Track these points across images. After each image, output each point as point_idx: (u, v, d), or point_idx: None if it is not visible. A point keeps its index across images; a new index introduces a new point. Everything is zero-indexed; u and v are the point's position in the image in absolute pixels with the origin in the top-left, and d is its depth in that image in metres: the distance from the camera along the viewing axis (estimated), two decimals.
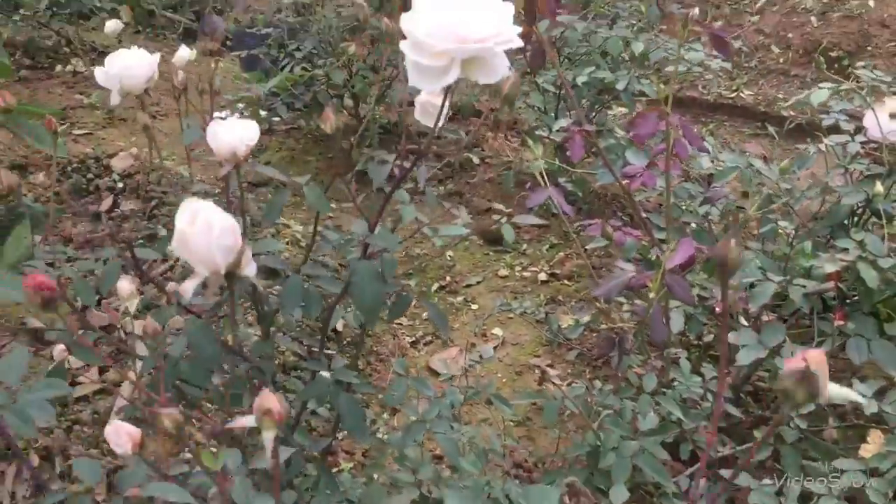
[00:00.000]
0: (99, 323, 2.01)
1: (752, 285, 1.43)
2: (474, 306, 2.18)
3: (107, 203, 2.34)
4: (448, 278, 2.30)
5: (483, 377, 1.88)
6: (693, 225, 1.68)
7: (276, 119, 2.94)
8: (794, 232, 1.59)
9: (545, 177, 1.34)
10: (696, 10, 1.18)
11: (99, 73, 0.87)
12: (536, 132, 2.11)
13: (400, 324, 2.16)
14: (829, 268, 1.26)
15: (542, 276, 2.27)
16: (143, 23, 4.23)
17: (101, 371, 1.83)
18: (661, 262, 1.04)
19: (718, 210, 1.69)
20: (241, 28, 3.56)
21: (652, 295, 1.02)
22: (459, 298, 2.21)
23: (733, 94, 3.79)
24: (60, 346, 0.96)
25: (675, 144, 1.17)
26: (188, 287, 0.67)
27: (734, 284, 1.37)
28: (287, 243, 2.22)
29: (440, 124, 0.90)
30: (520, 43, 0.67)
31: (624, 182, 1.43)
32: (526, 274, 2.29)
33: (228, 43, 4.38)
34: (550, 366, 1.92)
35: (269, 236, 2.17)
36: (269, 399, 0.52)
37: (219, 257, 0.66)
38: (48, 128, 0.97)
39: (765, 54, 3.93)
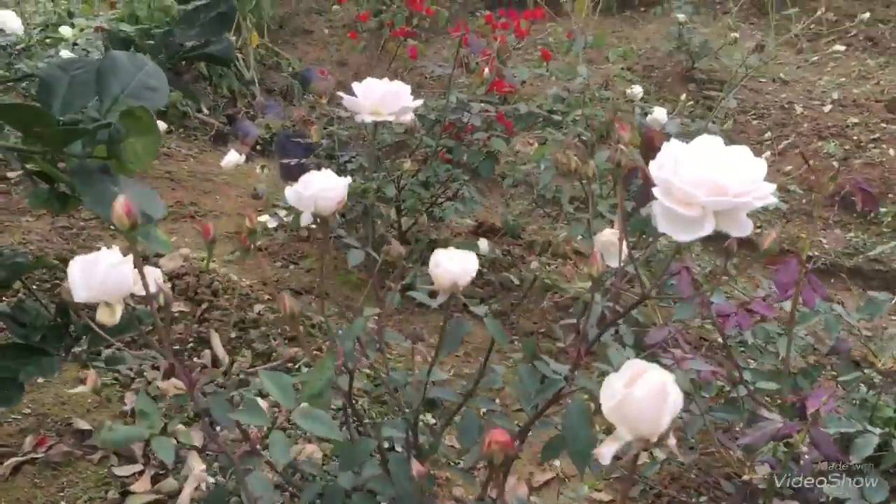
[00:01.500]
0: None
1: (849, 436, 1.41)
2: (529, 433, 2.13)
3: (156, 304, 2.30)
4: (497, 401, 2.26)
5: None
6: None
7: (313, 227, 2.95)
8: (879, 379, 1.58)
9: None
10: None
11: (291, 194, 0.86)
12: None
13: (452, 446, 2.11)
14: None
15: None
16: (175, 123, 4.29)
17: (155, 480, 1.76)
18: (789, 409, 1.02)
19: (796, 352, 1.69)
20: (286, 134, 3.62)
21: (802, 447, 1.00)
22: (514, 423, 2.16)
23: (757, 230, 3.86)
24: None
25: (802, 293, 1.17)
26: (606, 453, 0.61)
27: None
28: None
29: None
30: (775, 200, 0.67)
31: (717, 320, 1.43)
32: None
33: (259, 148, 4.46)
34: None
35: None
36: None
37: (665, 423, 0.61)
38: (204, 233, 0.96)
39: (787, 195, 4.02)
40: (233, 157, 2.84)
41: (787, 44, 4.27)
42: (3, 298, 1.88)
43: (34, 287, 2.13)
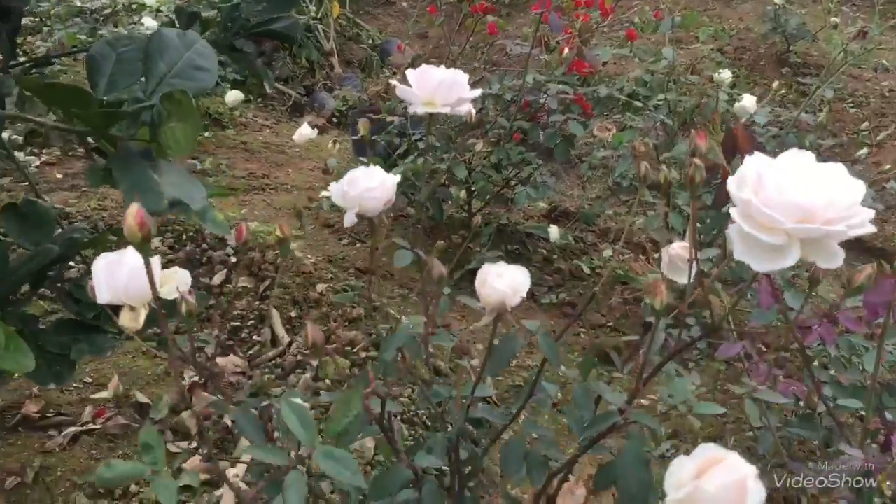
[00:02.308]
0: (205, 403, 1.94)
1: None
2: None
3: (220, 277, 2.30)
4: (559, 395, 2.19)
5: None
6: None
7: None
8: None
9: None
10: None
11: (336, 192, 0.81)
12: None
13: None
14: None
15: (661, 407, 2.13)
16: (254, 93, 4.30)
17: (207, 459, 1.75)
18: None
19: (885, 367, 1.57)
20: (360, 108, 3.58)
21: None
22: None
23: None
24: None
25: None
26: None
27: None
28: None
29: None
30: (872, 229, 0.58)
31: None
32: (644, 402, 2.16)
33: (335, 120, 4.44)
34: None
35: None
36: None
37: None
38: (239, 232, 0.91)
39: (882, 190, 3.80)
40: (305, 131, 2.81)
41: (891, 29, 4.00)
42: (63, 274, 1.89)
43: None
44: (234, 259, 2.37)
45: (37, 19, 3.83)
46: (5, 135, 2.15)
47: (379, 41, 5.27)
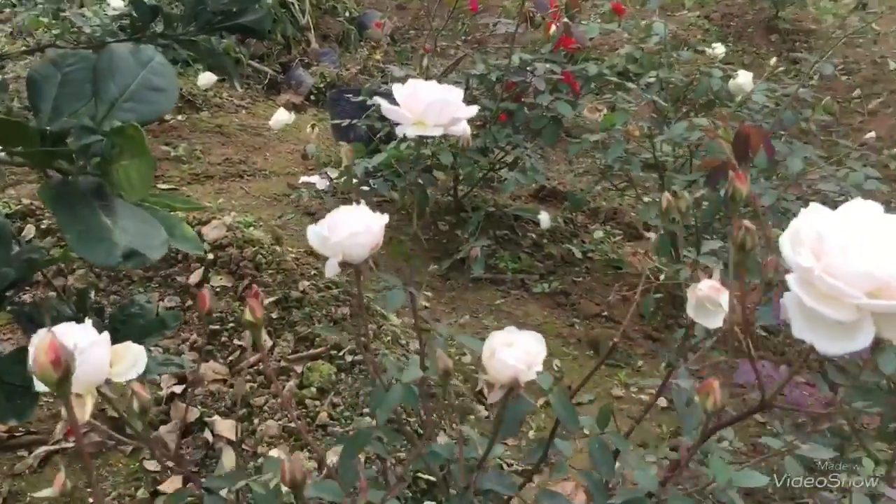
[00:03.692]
0: (182, 416, 1.84)
1: None
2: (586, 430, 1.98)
3: (196, 276, 2.19)
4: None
5: None
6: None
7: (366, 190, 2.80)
8: None
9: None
10: None
11: (316, 237, 0.71)
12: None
13: (504, 444, 1.97)
14: None
15: (663, 402, 2.06)
16: (229, 76, 4.14)
17: (187, 480, 1.66)
18: None
19: None
20: (339, 89, 3.45)
21: None
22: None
23: (840, 199, 3.58)
24: None
25: None
26: None
27: None
28: (388, 341, 2.05)
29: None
30: None
31: None
32: (643, 397, 2.09)
33: (313, 97, 4.30)
34: None
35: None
36: None
37: None
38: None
39: (875, 159, 3.73)
40: (281, 117, 2.69)
41: None
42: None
43: (62, 277, 2.04)
44: (210, 256, 2.26)
45: None
46: None
47: (356, 13, 5.11)
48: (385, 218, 0.72)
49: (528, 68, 2.46)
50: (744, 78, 2.33)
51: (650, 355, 2.25)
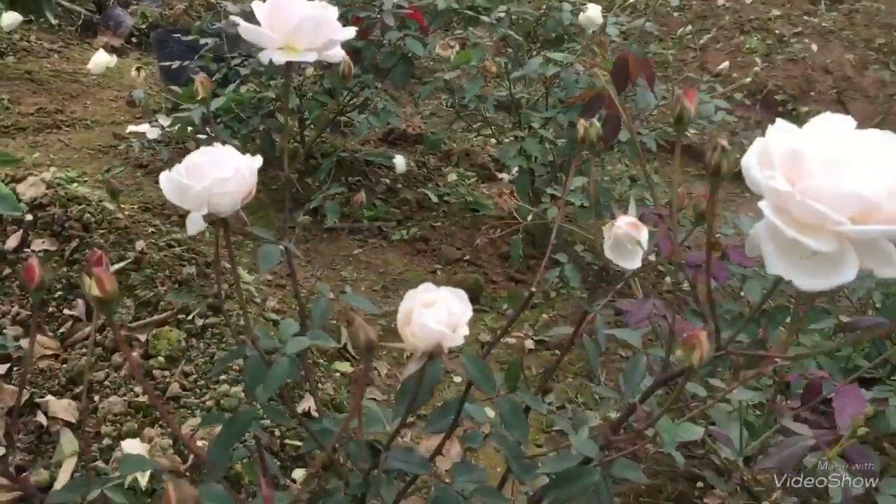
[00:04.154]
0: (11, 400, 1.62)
1: None
2: (457, 378, 1.92)
3: (14, 240, 1.94)
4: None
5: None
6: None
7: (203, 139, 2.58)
8: None
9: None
10: None
11: (171, 186, 0.57)
12: (547, 190, 1.87)
13: (373, 398, 1.88)
14: None
15: (529, 344, 2.04)
16: (36, 13, 3.72)
17: (20, 469, 1.46)
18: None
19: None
20: (166, 28, 3.16)
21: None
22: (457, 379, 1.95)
23: (691, 132, 3.69)
24: None
25: None
26: None
27: None
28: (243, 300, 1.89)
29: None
30: None
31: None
32: (510, 340, 2.05)
33: (134, 39, 3.95)
34: None
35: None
36: None
37: None
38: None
39: (709, 94, 3.86)
40: (101, 59, 2.41)
41: None
42: None
43: None
44: (30, 216, 2.00)
45: None
46: None
47: None
48: (258, 160, 0.59)
49: (374, 3, 2.32)
50: (593, 11, 2.29)
51: (514, 298, 2.22)
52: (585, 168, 2.26)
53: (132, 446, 0.92)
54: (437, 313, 0.50)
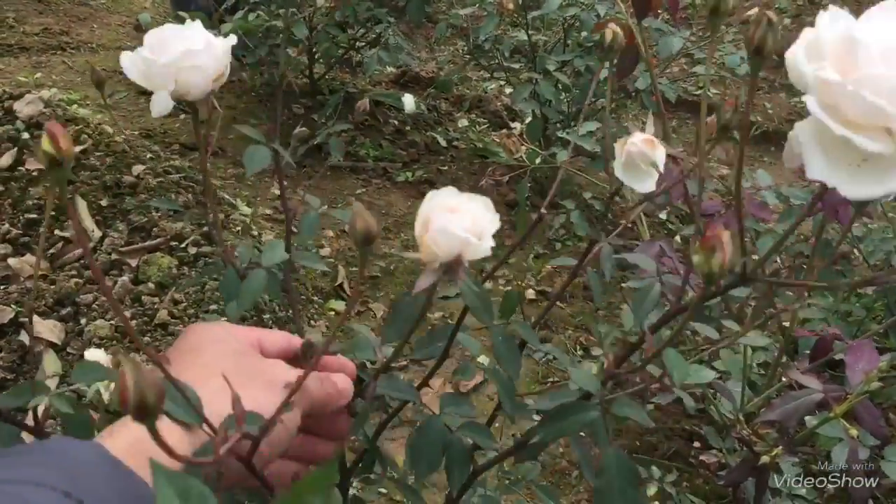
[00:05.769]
0: None
1: None
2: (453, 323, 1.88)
3: (8, 158, 1.89)
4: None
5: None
6: None
7: None
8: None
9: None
10: None
11: (134, 63, 0.51)
12: (558, 134, 1.80)
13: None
14: None
15: (531, 294, 1.99)
16: None
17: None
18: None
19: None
20: None
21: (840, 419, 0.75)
22: (437, 314, 1.90)
23: (698, 92, 3.59)
24: None
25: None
26: None
27: None
28: (238, 231, 1.84)
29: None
30: None
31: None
32: (511, 289, 1.99)
33: None
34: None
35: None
36: None
37: None
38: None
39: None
40: None
41: None
42: None
43: None
44: (26, 135, 1.95)
45: None
46: None
47: None
48: (232, 39, 0.53)
49: None
50: None
51: (518, 247, 2.16)
52: (600, 115, 2.19)
53: (94, 355, 0.87)
54: (462, 219, 0.44)
